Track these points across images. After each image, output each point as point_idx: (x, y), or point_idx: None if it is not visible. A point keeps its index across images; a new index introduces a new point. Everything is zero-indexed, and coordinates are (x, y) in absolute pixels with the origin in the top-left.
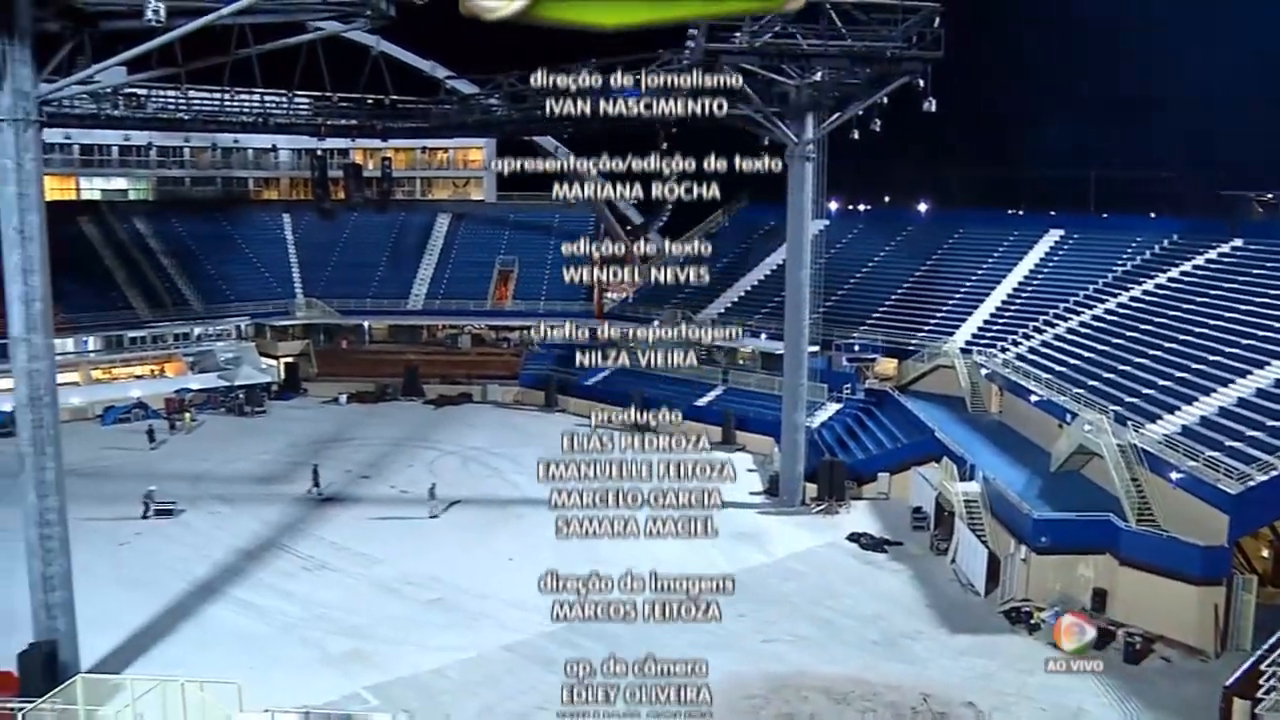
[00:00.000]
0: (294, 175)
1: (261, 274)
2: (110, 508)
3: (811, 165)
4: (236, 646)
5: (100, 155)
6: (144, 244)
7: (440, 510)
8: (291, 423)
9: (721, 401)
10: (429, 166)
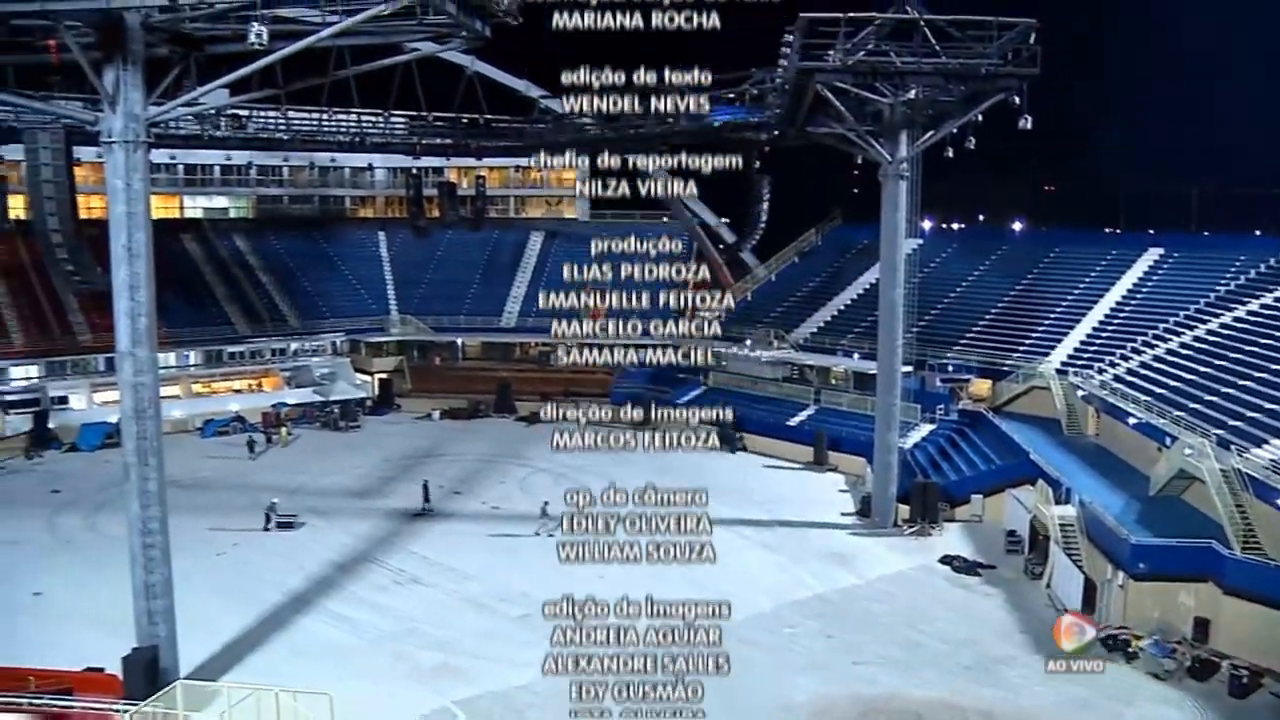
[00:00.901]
0: (390, 194)
1: (357, 291)
2: (209, 518)
3: (905, 184)
4: (328, 658)
5: (203, 175)
6: (243, 261)
7: (553, 528)
8: (385, 438)
9: (813, 421)
10: (523, 185)
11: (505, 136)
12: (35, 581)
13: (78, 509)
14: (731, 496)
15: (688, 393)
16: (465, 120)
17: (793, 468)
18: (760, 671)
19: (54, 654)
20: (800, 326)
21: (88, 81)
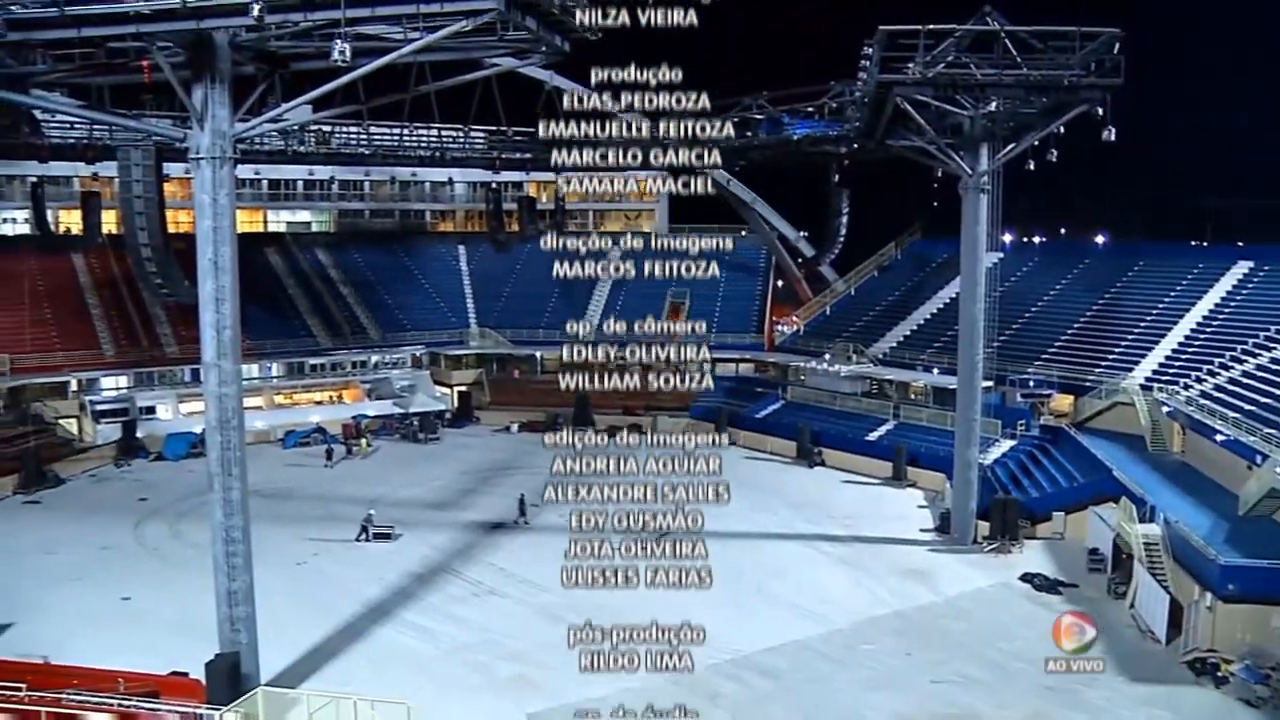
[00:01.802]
0: (469, 208)
1: (437, 304)
2: (290, 528)
3: (986, 197)
4: (406, 668)
5: (286, 189)
6: (325, 274)
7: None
8: (464, 450)
9: (892, 436)
10: (601, 199)
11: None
12: (124, 586)
13: (163, 516)
14: (809, 511)
15: (766, 407)
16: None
17: (871, 483)
18: (837, 688)
19: (140, 657)
20: (879, 341)
21: (177, 100)
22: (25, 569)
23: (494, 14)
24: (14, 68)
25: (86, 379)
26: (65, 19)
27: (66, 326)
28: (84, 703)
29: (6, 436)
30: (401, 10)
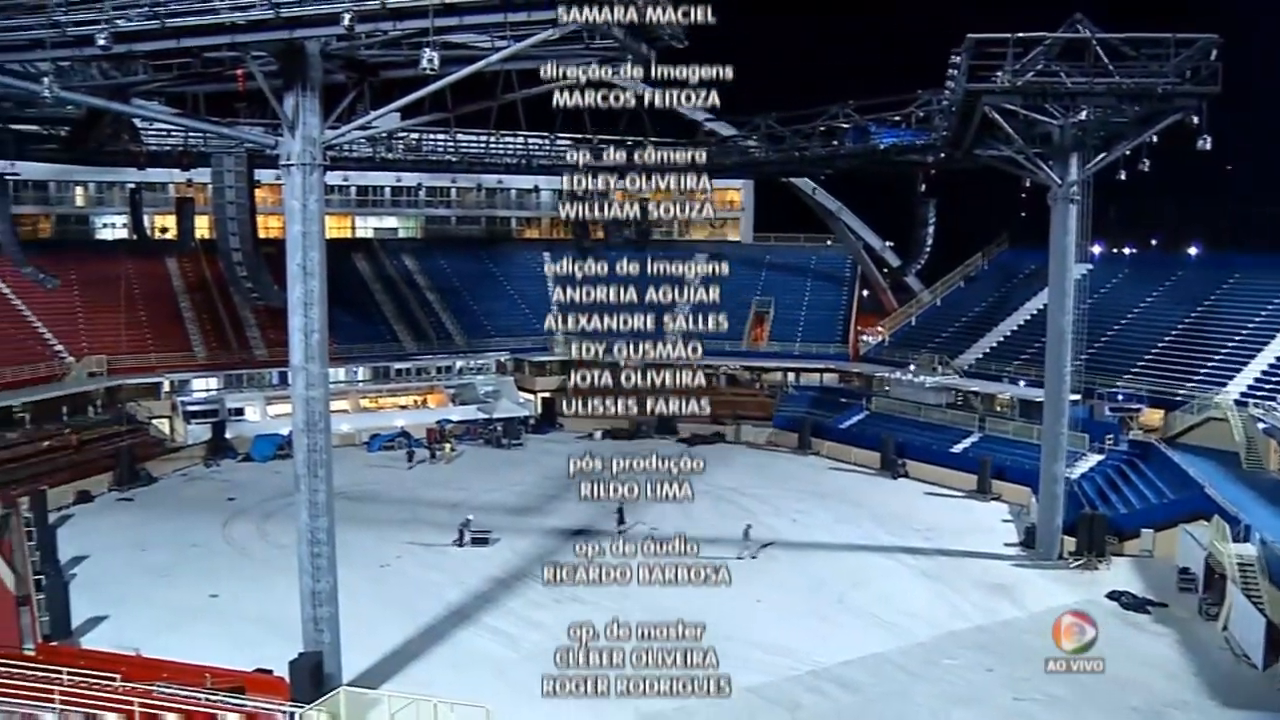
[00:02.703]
0: (555, 215)
1: (522, 310)
2: (374, 530)
3: (1075, 208)
4: (486, 671)
5: (374, 196)
6: (411, 280)
7: (755, 552)
8: (547, 456)
9: (977, 449)
10: None
11: None
12: (211, 583)
13: (250, 516)
14: (892, 523)
15: (850, 417)
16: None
17: (955, 496)
18: (917, 702)
19: (227, 653)
20: (965, 352)
21: (269, 107)
22: (119, 564)
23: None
24: (117, 78)
25: (178, 380)
26: (166, 30)
27: (160, 329)
28: (174, 695)
29: (103, 435)
30: (489, 19)
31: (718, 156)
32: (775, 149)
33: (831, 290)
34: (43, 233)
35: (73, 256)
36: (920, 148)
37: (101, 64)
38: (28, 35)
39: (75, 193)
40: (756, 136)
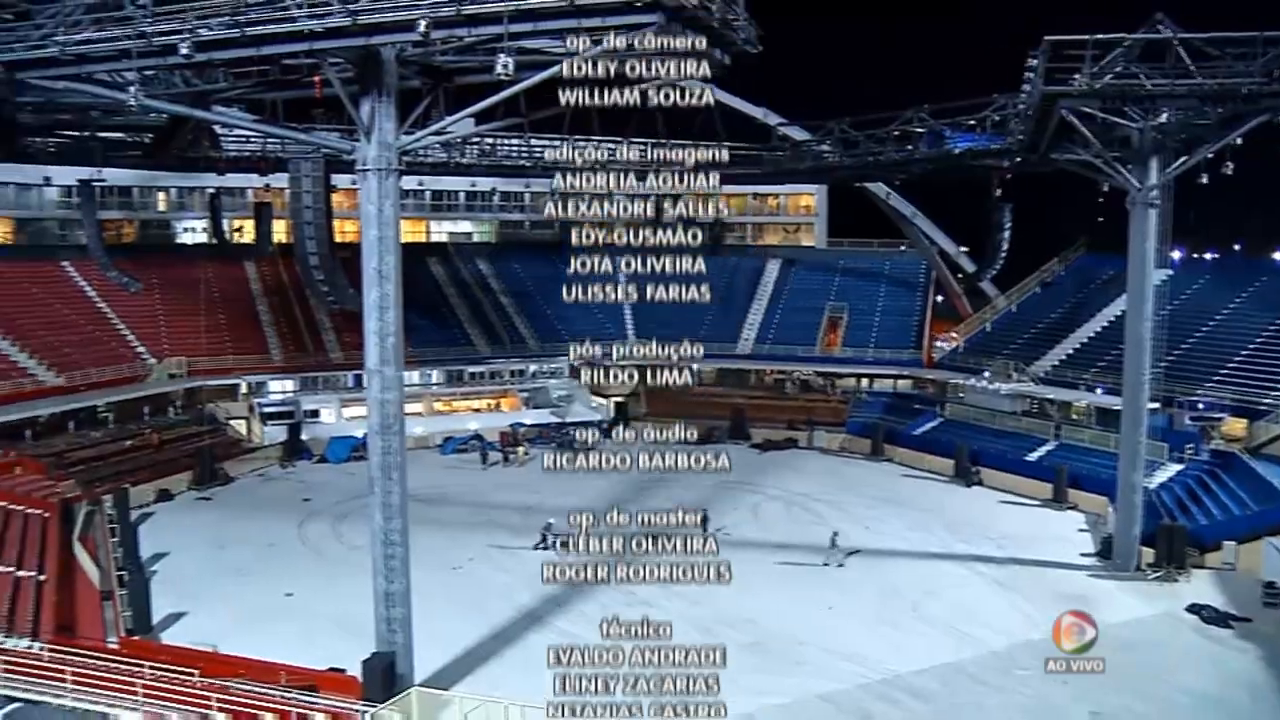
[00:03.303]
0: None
1: (595, 315)
2: (447, 532)
3: (1155, 212)
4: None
5: (449, 200)
6: (486, 284)
7: (842, 559)
8: None
9: (1053, 457)
10: (760, 212)
11: (743, 164)
12: (287, 582)
13: (325, 517)
14: (966, 531)
15: (923, 424)
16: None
17: (1030, 504)
18: (990, 713)
19: (301, 652)
20: (1041, 359)
21: (346, 113)
22: (197, 562)
23: (655, 28)
24: (198, 86)
25: (255, 382)
26: (245, 39)
27: (238, 331)
28: (250, 692)
29: (182, 435)
30: (563, 25)
31: (791, 162)
32: (849, 154)
33: (906, 296)
34: (127, 237)
35: (154, 260)
36: (996, 152)
37: (184, 72)
38: (115, 46)
39: (157, 198)
40: (830, 141)
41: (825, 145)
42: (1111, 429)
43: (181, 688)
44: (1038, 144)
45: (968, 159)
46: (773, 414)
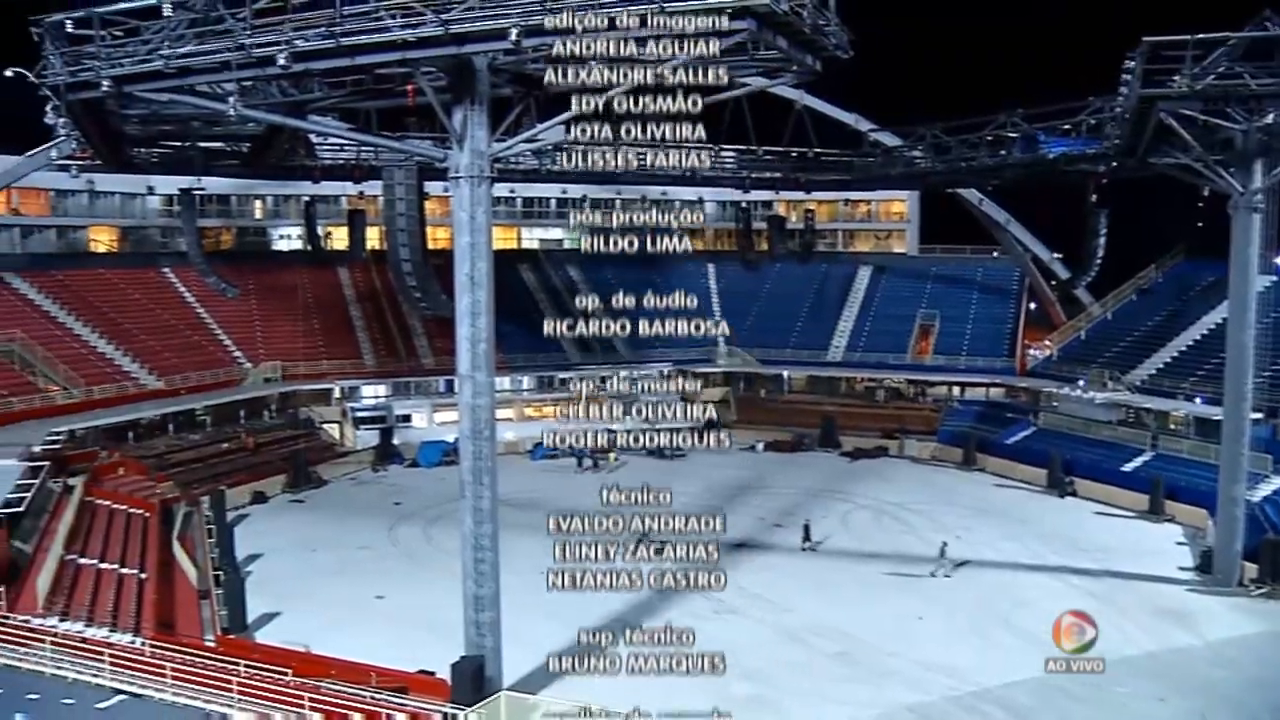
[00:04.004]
0: (719, 227)
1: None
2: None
3: (1259, 217)
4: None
5: (540, 207)
6: (576, 290)
7: (950, 570)
8: (709, 468)
9: (1150, 468)
10: (851, 219)
11: (834, 170)
12: (378, 585)
13: (416, 521)
14: (1059, 542)
15: (1016, 433)
16: (794, 154)
17: (1125, 516)
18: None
19: (391, 654)
20: (1138, 367)
21: (438, 121)
22: (290, 563)
23: (746, 34)
24: (295, 96)
25: (348, 387)
26: (340, 49)
27: (332, 336)
28: (341, 693)
29: (276, 439)
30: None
31: (882, 168)
32: (941, 159)
33: (998, 303)
34: (224, 244)
35: (251, 266)
36: (1091, 156)
37: (281, 83)
38: (216, 59)
39: (254, 206)
40: (922, 147)
41: (917, 151)
42: (1211, 440)
43: (274, 687)
44: (1135, 148)
45: (1062, 164)
46: (863, 422)
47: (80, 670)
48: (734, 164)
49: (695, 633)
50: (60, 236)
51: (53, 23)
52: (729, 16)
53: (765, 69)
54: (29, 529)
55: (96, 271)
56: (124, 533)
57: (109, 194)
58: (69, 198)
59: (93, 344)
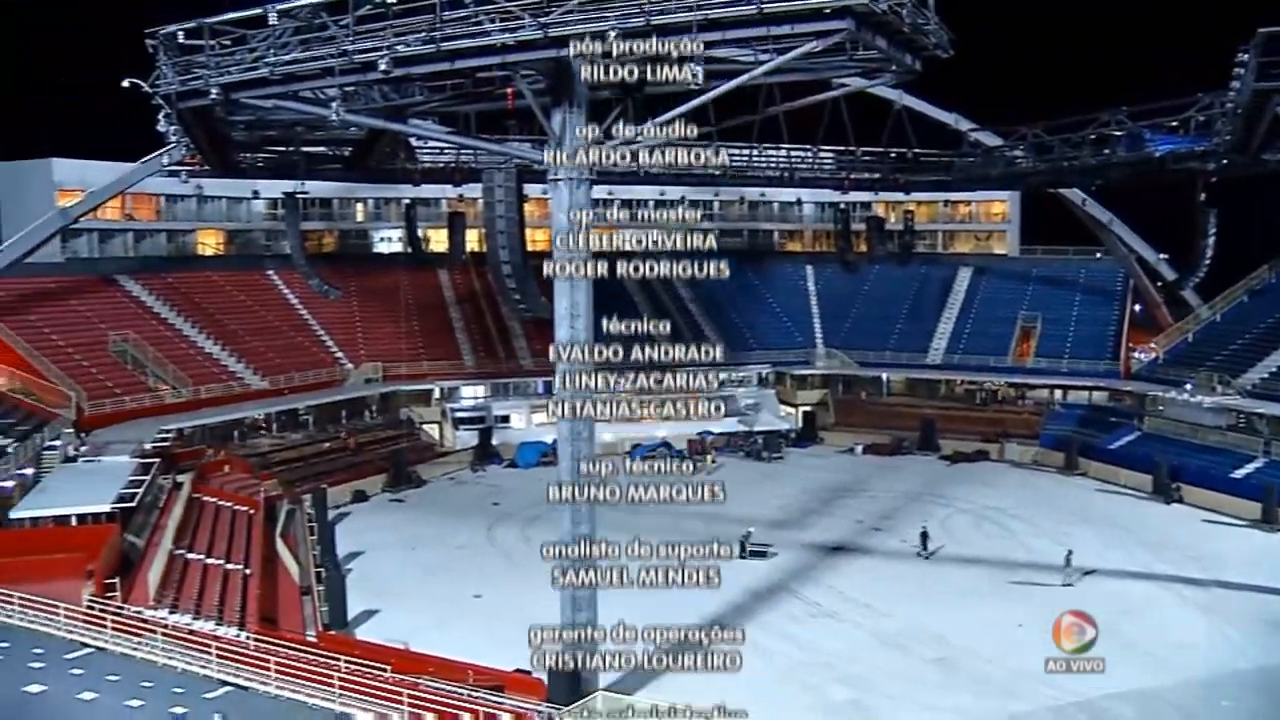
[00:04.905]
0: (817, 228)
1: (784, 324)
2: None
3: None
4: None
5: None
6: (674, 292)
7: (1076, 579)
8: (807, 470)
9: (1262, 475)
10: (951, 220)
11: (934, 170)
12: (475, 584)
13: (514, 521)
14: (1166, 551)
15: (1120, 438)
16: (893, 154)
17: (1236, 524)
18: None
19: (488, 653)
20: (1249, 371)
21: (537, 124)
22: (390, 561)
23: (844, 34)
24: (395, 100)
25: (448, 387)
26: (441, 54)
27: (431, 338)
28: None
29: (377, 438)
30: (752, 33)
31: (982, 168)
32: (1043, 159)
33: (1102, 305)
34: (326, 247)
35: (352, 269)
36: (1200, 154)
37: (382, 88)
38: (319, 65)
39: (356, 209)
40: (1023, 146)
41: (1018, 150)
42: None
43: (374, 683)
44: (1247, 144)
45: (1170, 162)
46: (963, 425)
47: (189, 661)
48: (832, 165)
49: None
50: (170, 240)
51: (167, 34)
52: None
53: (864, 69)
54: (140, 524)
55: (204, 274)
56: (229, 529)
57: (216, 199)
58: (178, 203)
59: (200, 344)
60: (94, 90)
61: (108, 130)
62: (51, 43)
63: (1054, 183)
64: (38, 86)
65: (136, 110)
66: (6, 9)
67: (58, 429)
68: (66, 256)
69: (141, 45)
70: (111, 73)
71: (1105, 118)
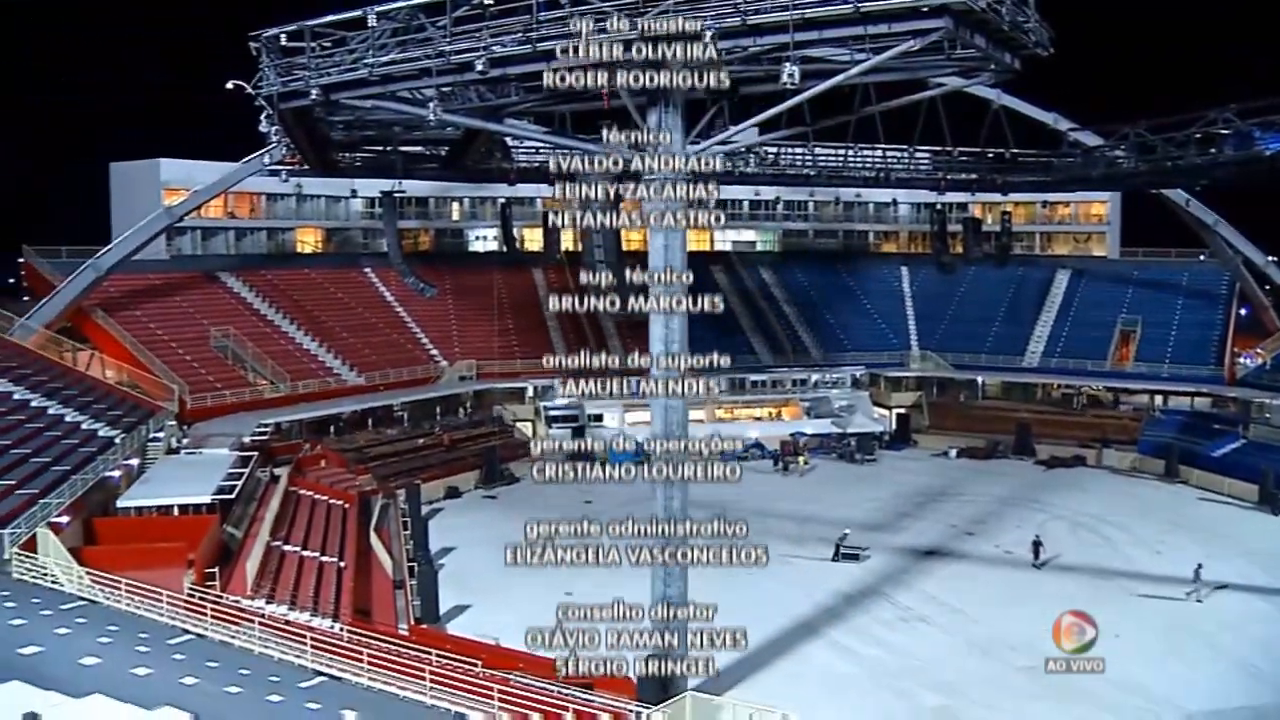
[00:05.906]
0: (913, 229)
1: (878, 325)
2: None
3: None
4: (829, 687)
5: (733, 209)
6: (768, 293)
7: (1208, 592)
8: (900, 473)
9: None
10: (1049, 221)
11: (1032, 171)
12: (567, 583)
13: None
14: (1271, 563)
15: (1223, 445)
16: (991, 154)
17: None
18: None
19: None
20: None
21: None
22: (482, 557)
23: (942, 33)
24: (492, 100)
25: (541, 386)
26: (536, 54)
27: (525, 336)
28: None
29: (470, 436)
30: (849, 33)
31: (1082, 169)
32: (1145, 159)
33: (1205, 308)
34: (423, 245)
35: (448, 267)
36: None
37: (478, 88)
38: (417, 65)
39: (452, 208)
40: (1125, 146)
41: (1119, 151)
42: None
43: (465, 677)
44: None
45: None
46: (1059, 430)
47: (284, 651)
48: (928, 165)
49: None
50: (270, 238)
51: (269, 37)
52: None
53: (962, 68)
54: (239, 515)
55: (303, 271)
56: (325, 522)
57: (315, 197)
58: (278, 201)
59: (298, 340)
60: (201, 92)
61: (212, 131)
62: (159, 49)
63: (1157, 183)
64: (145, 89)
65: (240, 111)
66: (120, 20)
67: (161, 421)
68: (171, 254)
69: (245, 48)
70: (216, 76)
71: (1212, 116)
